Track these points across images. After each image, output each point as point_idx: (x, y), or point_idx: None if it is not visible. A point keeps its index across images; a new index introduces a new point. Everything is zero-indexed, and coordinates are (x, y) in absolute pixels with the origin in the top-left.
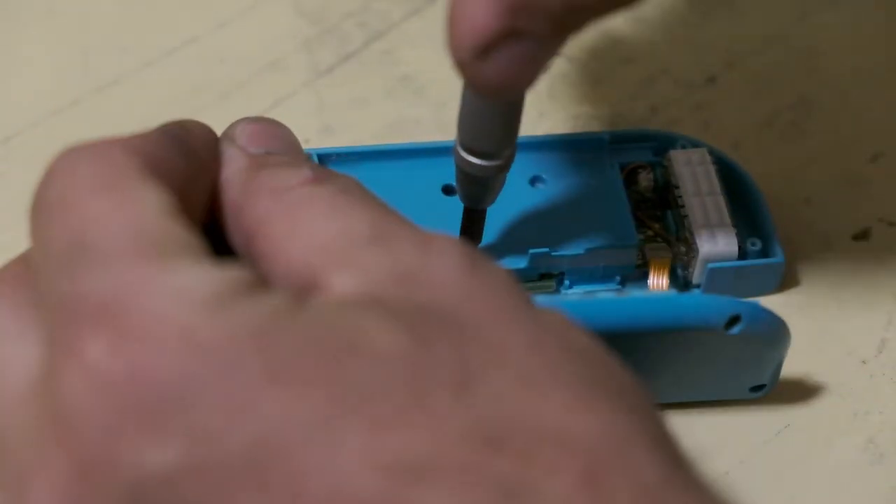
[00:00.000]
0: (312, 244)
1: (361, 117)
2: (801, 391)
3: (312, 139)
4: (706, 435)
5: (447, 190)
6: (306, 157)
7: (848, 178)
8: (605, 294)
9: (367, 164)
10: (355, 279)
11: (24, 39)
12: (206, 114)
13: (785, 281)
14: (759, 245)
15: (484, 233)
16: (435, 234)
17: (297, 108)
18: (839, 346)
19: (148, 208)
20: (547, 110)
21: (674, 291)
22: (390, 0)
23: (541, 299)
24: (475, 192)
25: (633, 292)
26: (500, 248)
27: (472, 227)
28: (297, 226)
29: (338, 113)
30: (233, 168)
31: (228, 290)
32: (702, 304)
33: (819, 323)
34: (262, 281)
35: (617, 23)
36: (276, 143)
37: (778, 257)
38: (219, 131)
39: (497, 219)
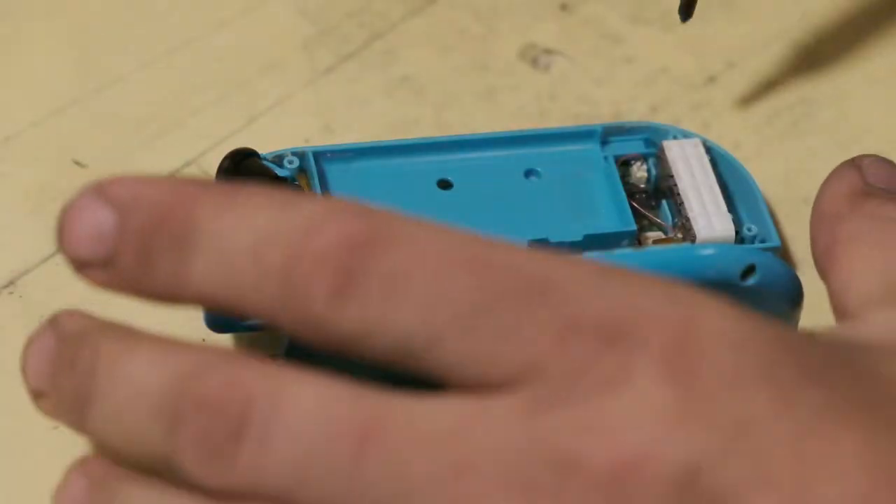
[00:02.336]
0: (880, 270)
1: (361, 117)
2: None
3: (312, 139)
4: None
5: (442, 184)
6: None
7: None
8: (620, 250)
9: (362, 161)
10: (890, 323)
11: (24, 39)
12: (207, 114)
13: None
14: (755, 230)
15: (478, 226)
16: None
17: (297, 108)
18: None
19: None
20: (547, 110)
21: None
22: (390, 0)
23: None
24: None
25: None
26: None
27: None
28: (879, 252)
29: (338, 113)
30: (847, 184)
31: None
32: (717, 253)
33: (819, 323)
34: None
35: (617, 23)
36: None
37: (774, 241)
38: (217, 131)
39: (492, 212)
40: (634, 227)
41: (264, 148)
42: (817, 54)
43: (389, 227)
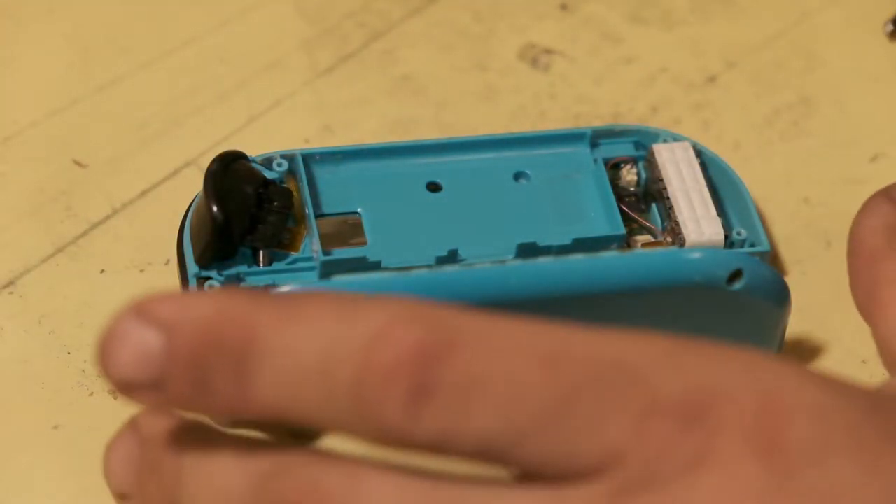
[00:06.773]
0: None
1: (361, 117)
2: None
3: (312, 139)
4: None
5: (432, 187)
6: None
7: (848, 178)
8: (608, 253)
9: (351, 164)
10: None
11: (24, 39)
12: (206, 114)
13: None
14: (745, 235)
15: (467, 229)
16: None
17: (297, 108)
18: (839, 346)
19: None
20: (547, 109)
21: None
22: (390, 0)
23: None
24: None
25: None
26: (487, 243)
27: None
28: None
29: (338, 113)
30: (882, 218)
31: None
32: (704, 257)
33: (819, 323)
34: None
35: (617, 23)
36: None
37: (763, 245)
38: (217, 131)
39: (482, 214)
40: (623, 230)
41: (266, 148)
42: (817, 54)
43: (457, 331)
